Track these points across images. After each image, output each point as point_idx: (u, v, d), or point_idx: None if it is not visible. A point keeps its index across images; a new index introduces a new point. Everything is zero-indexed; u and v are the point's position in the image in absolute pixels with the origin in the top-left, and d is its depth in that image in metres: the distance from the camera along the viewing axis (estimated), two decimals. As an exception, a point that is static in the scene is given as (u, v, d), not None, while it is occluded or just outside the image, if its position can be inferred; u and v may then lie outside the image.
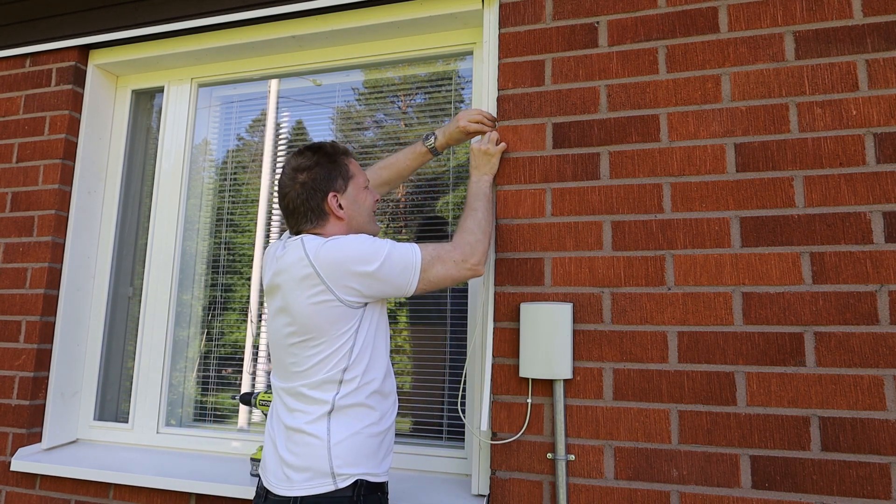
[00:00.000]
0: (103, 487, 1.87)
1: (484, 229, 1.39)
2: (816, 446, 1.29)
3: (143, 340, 2.11)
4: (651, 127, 1.52)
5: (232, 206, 2.19)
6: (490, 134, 1.56)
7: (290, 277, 1.26)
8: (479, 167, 1.54)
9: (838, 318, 1.32)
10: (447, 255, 1.32)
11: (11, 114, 2.23)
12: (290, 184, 1.34)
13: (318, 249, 1.24)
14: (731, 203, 1.43)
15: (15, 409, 2.00)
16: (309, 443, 1.21)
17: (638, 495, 1.38)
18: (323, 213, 1.33)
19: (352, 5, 1.90)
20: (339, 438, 1.21)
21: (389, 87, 2.09)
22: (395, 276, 1.26)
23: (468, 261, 1.33)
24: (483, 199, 1.46)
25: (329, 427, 1.22)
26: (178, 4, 2.07)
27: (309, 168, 1.33)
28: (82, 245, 2.16)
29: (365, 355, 1.26)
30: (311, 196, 1.32)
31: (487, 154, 1.54)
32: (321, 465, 1.19)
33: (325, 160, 1.35)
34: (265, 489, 1.27)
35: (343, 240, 1.26)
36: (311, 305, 1.23)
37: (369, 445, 1.24)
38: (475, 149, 1.54)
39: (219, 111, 2.28)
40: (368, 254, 1.25)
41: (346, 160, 1.39)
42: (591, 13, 1.62)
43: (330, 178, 1.34)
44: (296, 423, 1.23)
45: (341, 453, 1.20)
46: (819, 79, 1.42)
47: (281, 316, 1.29)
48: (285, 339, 1.28)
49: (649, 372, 1.42)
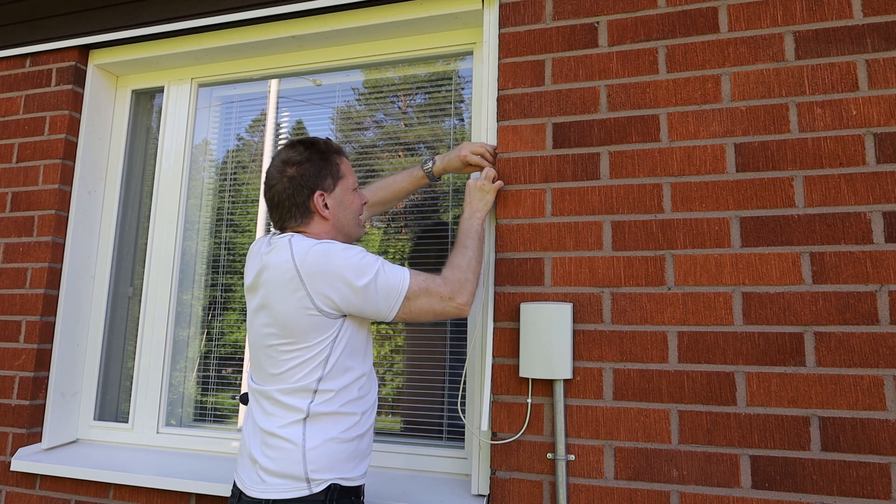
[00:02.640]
0: (103, 487, 1.87)
1: (474, 269, 1.35)
2: (816, 446, 1.29)
3: (143, 340, 2.11)
4: (651, 127, 1.52)
5: (232, 206, 2.19)
6: (488, 170, 1.53)
7: (273, 277, 1.23)
8: (472, 203, 1.49)
9: (838, 318, 1.32)
10: (436, 288, 1.28)
11: (11, 114, 2.23)
12: (277, 176, 1.31)
13: (306, 254, 1.21)
14: (731, 203, 1.43)
15: (15, 409, 2.00)
16: (284, 447, 1.20)
17: (638, 495, 1.38)
18: (308, 210, 1.31)
19: (352, 5, 1.90)
20: (314, 444, 1.20)
21: (389, 87, 2.09)
22: (378, 298, 1.23)
23: (455, 298, 1.29)
24: (474, 238, 1.41)
25: (304, 432, 1.20)
26: (178, 4, 2.07)
27: (299, 163, 1.31)
28: (82, 245, 2.16)
29: (341, 369, 1.24)
30: (297, 192, 1.30)
31: (483, 190, 1.50)
32: (296, 471, 1.18)
33: (317, 157, 1.33)
34: (239, 490, 1.26)
35: (332, 247, 1.23)
36: (291, 309, 1.21)
37: (345, 450, 1.23)
38: (471, 184, 1.51)
39: (219, 111, 2.28)
40: (359, 267, 1.22)
41: (338, 159, 1.37)
42: (591, 13, 1.62)
43: (319, 176, 1.32)
44: (271, 427, 1.22)
45: (316, 458, 1.19)
46: (819, 79, 1.42)
47: (261, 315, 1.27)
48: (264, 338, 1.26)
49: (649, 372, 1.42)
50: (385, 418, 1.91)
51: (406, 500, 1.53)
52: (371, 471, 1.75)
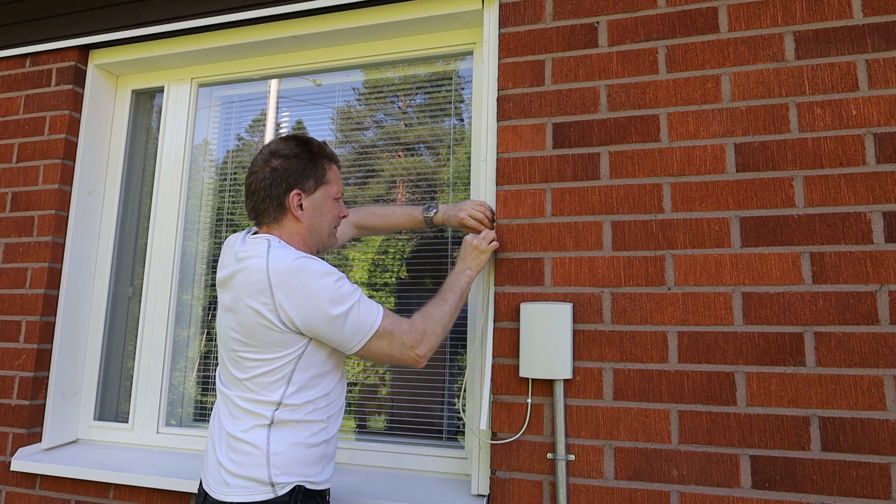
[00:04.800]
0: (103, 487, 1.87)
1: (444, 325, 1.33)
2: (816, 446, 1.29)
3: (143, 340, 2.11)
4: (651, 127, 1.52)
5: (232, 206, 2.19)
6: (486, 232, 1.51)
7: (244, 282, 1.21)
8: (465, 259, 1.47)
9: (838, 318, 1.32)
10: (399, 333, 1.26)
11: (11, 114, 2.23)
12: (261, 164, 1.29)
13: (282, 269, 1.18)
14: (731, 203, 1.43)
15: (15, 409, 2.00)
16: (248, 451, 1.19)
17: (638, 495, 1.38)
18: (282, 207, 1.28)
19: (352, 5, 1.90)
20: (279, 449, 1.19)
21: (389, 87, 2.09)
22: (345, 330, 1.21)
23: (415, 349, 1.27)
24: (457, 294, 1.39)
25: (269, 437, 1.20)
26: (178, 4, 2.07)
27: (286, 157, 1.29)
28: (82, 245, 2.16)
29: (306, 386, 1.22)
30: (275, 184, 1.27)
31: (478, 250, 1.47)
32: (260, 474, 1.18)
33: (306, 156, 1.31)
34: (204, 491, 1.25)
35: (310, 267, 1.19)
36: (255, 319, 1.19)
37: (310, 455, 1.22)
38: (468, 241, 1.49)
39: (219, 111, 2.28)
40: (336, 297, 1.19)
41: (328, 164, 1.34)
42: (591, 13, 1.62)
43: (302, 175, 1.29)
44: (235, 431, 1.21)
45: (280, 463, 1.19)
46: (819, 79, 1.42)
47: (230, 316, 1.25)
48: (230, 341, 1.25)
49: (649, 372, 1.42)
50: (385, 418, 1.91)
51: (406, 500, 1.53)
52: (371, 471, 1.75)
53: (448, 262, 1.91)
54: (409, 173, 2.04)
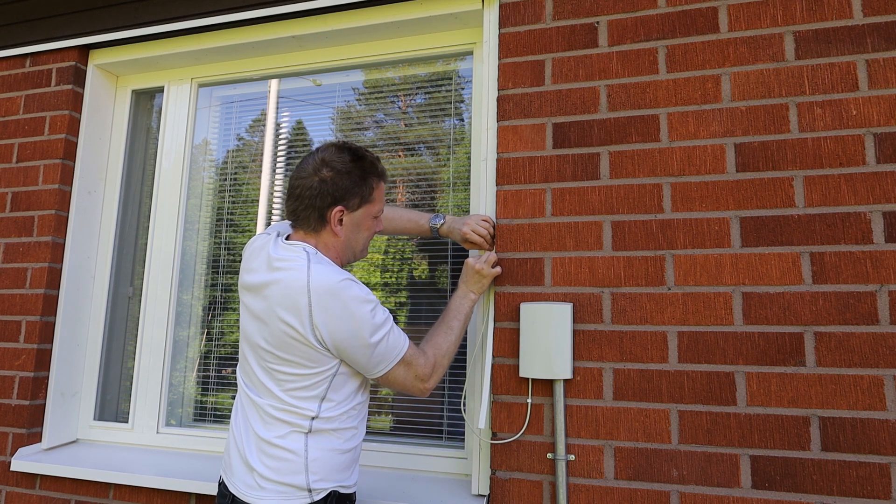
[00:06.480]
0: (103, 487, 1.87)
1: (451, 355, 1.36)
2: (816, 446, 1.29)
3: (143, 340, 2.11)
4: (651, 127, 1.52)
5: (232, 206, 2.19)
6: (489, 255, 1.51)
7: (282, 294, 1.20)
8: (467, 282, 1.48)
9: (838, 318, 1.32)
10: (416, 364, 1.28)
11: (11, 114, 2.23)
12: (311, 172, 1.27)
13: (322, 290, 1.17)
14: (731, 203, 1.43)
15: (15, 409, 2.00)
16: (285, 458, 1.20)
17: (638, 495, 1.38)
18: (322, 219, 1.27)
19: (352, 5, 1.90)
20: (317, 455, 1.20)
21: (389, 87, 2.09)
22: (375, 357, 1.22)
23: (426, 381, 1.30)
24: (461, 319, 1.41)
25: (307, 444, 1.20)
26: (178, 4, 2.07)
27: (338, 171, 1.27)
28: (82, 245, 2.16)
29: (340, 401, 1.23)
30: (321, 196, 1.26)
31: (480, 274, 1.48)
32: (298, 481, 1.19)
33: (358, 172, 1.29)
34: (230, 493, 1.24)
35: (352, 292, 1.19)
36: (290, 333, 1.19)
37: (343, 460, 1.24)
38: (470, 263, 1.49)
39: (219, 111, 2.28)
40: (375, 325, 1.20)
41: (376, 183, 1.33)
42: (591, 13, 1.62)
43: (349, 192, 1.27)
44: (270, 437, 1.21)
45: (318, 469, 1.20)
46: (819, 79, 1.42)
47: (258, 324, 1.24)
48: (261, 350, 1.24)
49: (649, 372, 1.42)
50: (385, 418, 1.91)
51: (406, 500, 1.53)
52: (371, 471, 1.75)
53: (448, 263, 1.91)
54: (409, 173, 2.03)
